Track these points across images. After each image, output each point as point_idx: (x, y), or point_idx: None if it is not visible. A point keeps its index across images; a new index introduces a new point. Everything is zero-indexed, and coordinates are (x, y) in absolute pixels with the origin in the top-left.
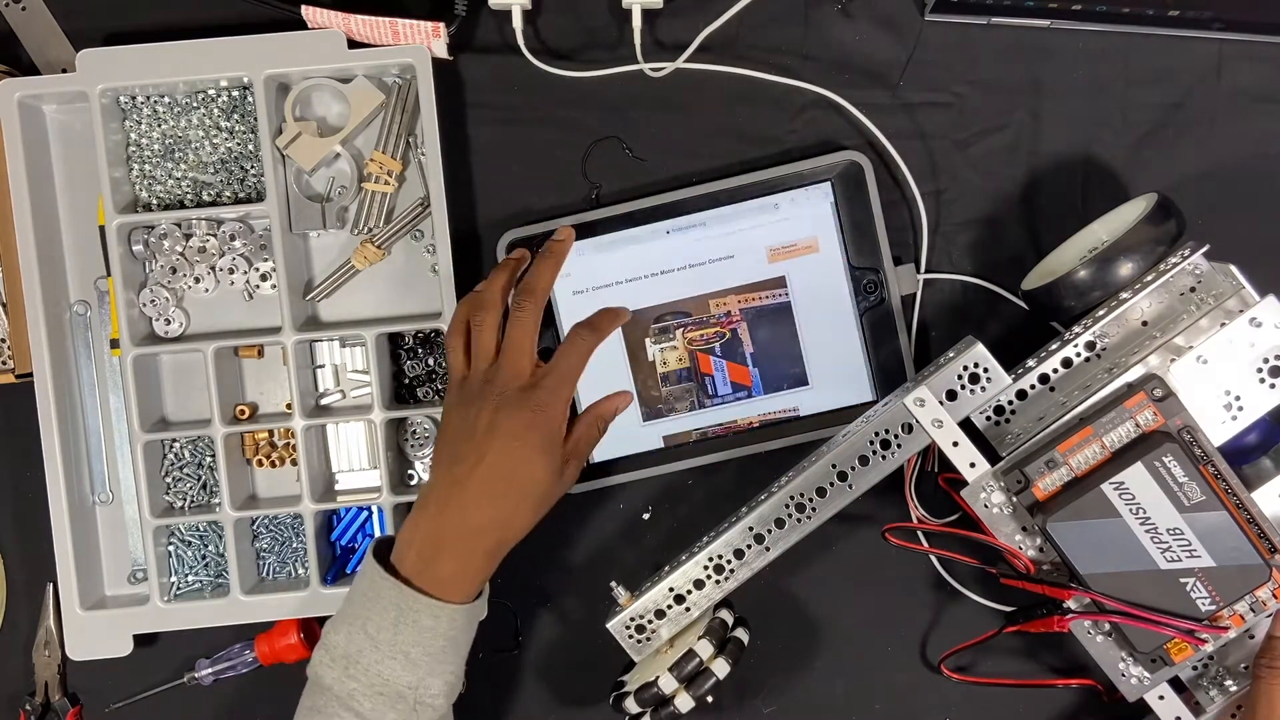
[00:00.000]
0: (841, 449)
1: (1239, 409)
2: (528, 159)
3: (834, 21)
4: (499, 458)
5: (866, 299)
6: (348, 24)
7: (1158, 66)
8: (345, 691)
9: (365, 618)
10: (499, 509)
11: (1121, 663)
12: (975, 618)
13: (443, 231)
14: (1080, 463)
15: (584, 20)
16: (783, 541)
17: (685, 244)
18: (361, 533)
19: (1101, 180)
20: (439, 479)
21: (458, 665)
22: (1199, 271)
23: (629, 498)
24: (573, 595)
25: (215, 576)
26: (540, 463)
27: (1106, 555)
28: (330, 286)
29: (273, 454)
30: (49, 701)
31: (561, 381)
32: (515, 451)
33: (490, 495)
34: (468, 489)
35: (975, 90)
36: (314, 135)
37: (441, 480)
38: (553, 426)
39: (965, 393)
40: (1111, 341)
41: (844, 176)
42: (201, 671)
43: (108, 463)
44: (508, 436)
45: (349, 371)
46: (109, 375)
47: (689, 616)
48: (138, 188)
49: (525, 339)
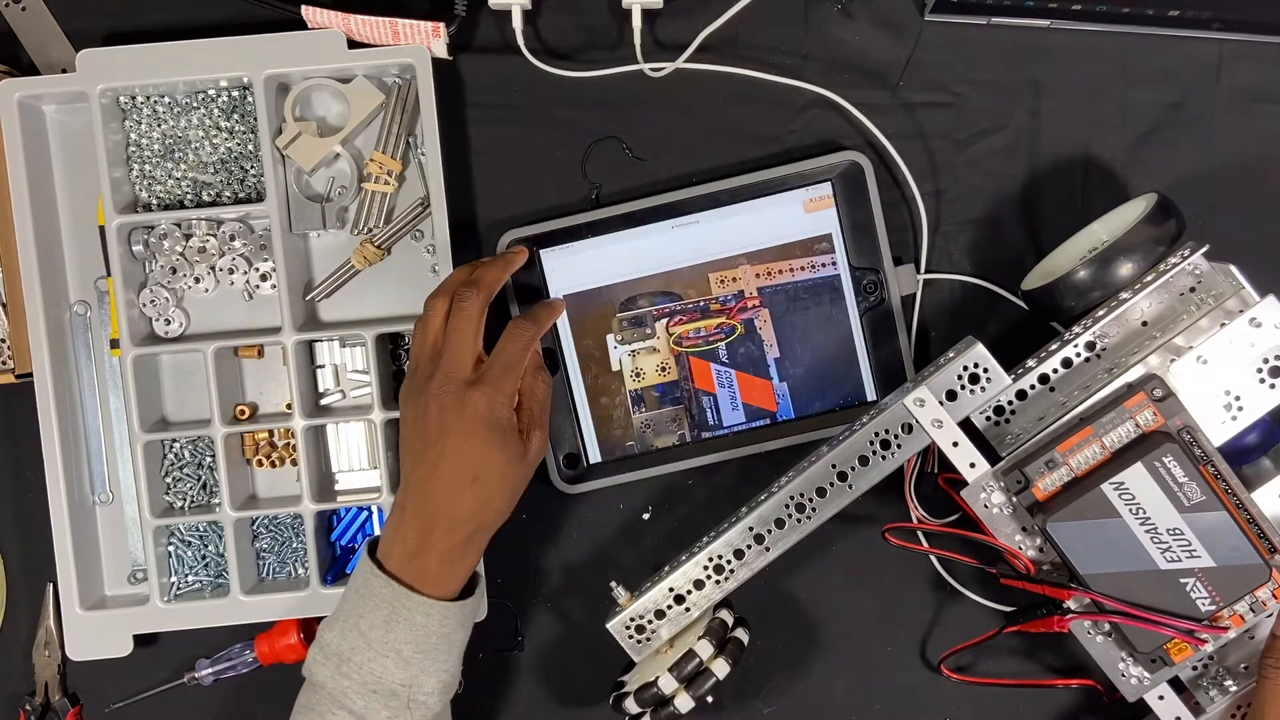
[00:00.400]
0: (841, 449)
1: (1239, 409)
2: (528, 159)
3: (834, 21)
4: (456, 456)
5: (866, 299)
6: (348, 24)
7: (1157, 66)
8: (338, 689)
9: (358, 615)
10: (471, 500)
11: (1121, 663)
12: (975, 618)
13: (443, 231)
14: (1080, 463)
15: (584, 20)
16: (783, 541)
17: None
18: (361, 533)
19: (1101, 180)
20: (407, 479)
21: (452, 664)
22: (1199, 271)
23: (629, 498)
24: (573, 595)
25: (215, 576)
26: (497, 454)
27: (1106, 555)
28: (330, 286)
29: (273, 454)
30: (49, 701)
31: (504, 373)
32: (470, 449)
33: (458, 489)
34: (436, 486)
35: (975, 90)
36: (314, 135)
37: (409, 480)
38: (500, 417)
39: (965, 393)
40: (1111, 341)
41: (844, 176)
42: (201, 671)
43: (108, 463)
44: (459, 434)
45: (349, 371)
46: (109, 375)
47: (689, 616)
48: (138, 188)
49: (468, 330)
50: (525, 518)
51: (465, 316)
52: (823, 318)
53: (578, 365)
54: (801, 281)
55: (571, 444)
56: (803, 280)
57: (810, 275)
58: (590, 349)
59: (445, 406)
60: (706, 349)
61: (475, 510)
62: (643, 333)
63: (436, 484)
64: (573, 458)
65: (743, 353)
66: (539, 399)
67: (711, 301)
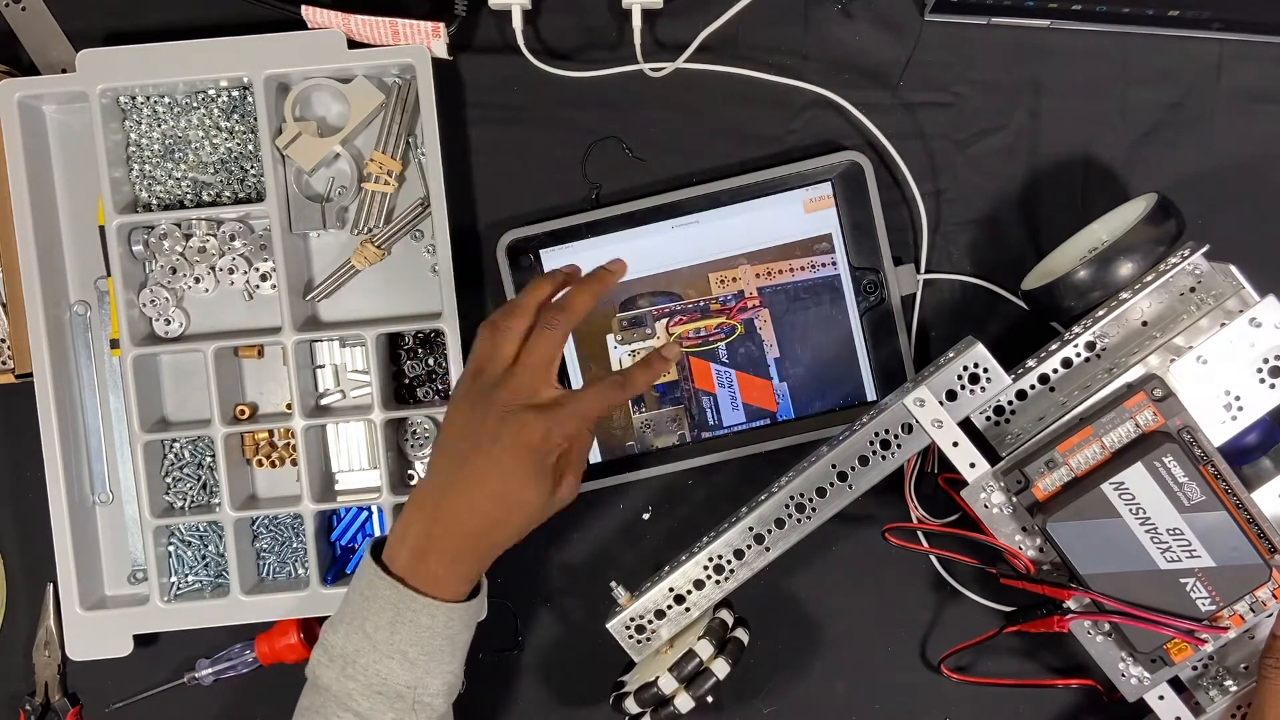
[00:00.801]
0: (841, 449)
1: (1239, 409)
2: (528, 159)
3: (834, 21)
4: (495, 471)
5: (866, 299)
6: (348, 24)
7: (1157, 66)
8: (343, 691)
9: (363, 617)
10: (490, 516)
11: (1121, 663)
12: (975, 618)
13: (443, 231)
14: (1080, 463)
15: (584, 20)
16: (783, 541)
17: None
18: (361, 533)
19: (1101, 180)
20: (437, 476)
21: (456, 665)
22: (1199, 271)
23: (629, 498)
24: (573, 595)
25: (215, 576)
26: (529, 484)
27: (1106, 555)
28: (330, 286)
29: (273, 454)
30: (49, 701)
31: (573, 417)
32: (512, 471)
33: (481, 504)
34: (461, 493)
35: (975, 90)
36: (314, 135)
37: (438, 479)
38: (549, 452)
39: (965, 393)
40: (1111, 341)
41: (844, 176)
42: (201, 671)
43: (108, 463)
44: (505, 451)
45: (349, 371)
46: (109, 375)
47: (689, 616)
48: (138, 188)
49: (548, 354)
50: None
51: (551, 342)
52: (823, 318)
53: (578, 365)
54: (801, 281)
55: None
56: (803, 280)
57: (810, 275)
58: (590, 349)
59: (504, 421)
60: (706, 349)
61: (487, 528)
62: (643, 333)
63: (462, 490)
64: None
65: (743, 353)
66: (582, 446)
67: (711, 301)
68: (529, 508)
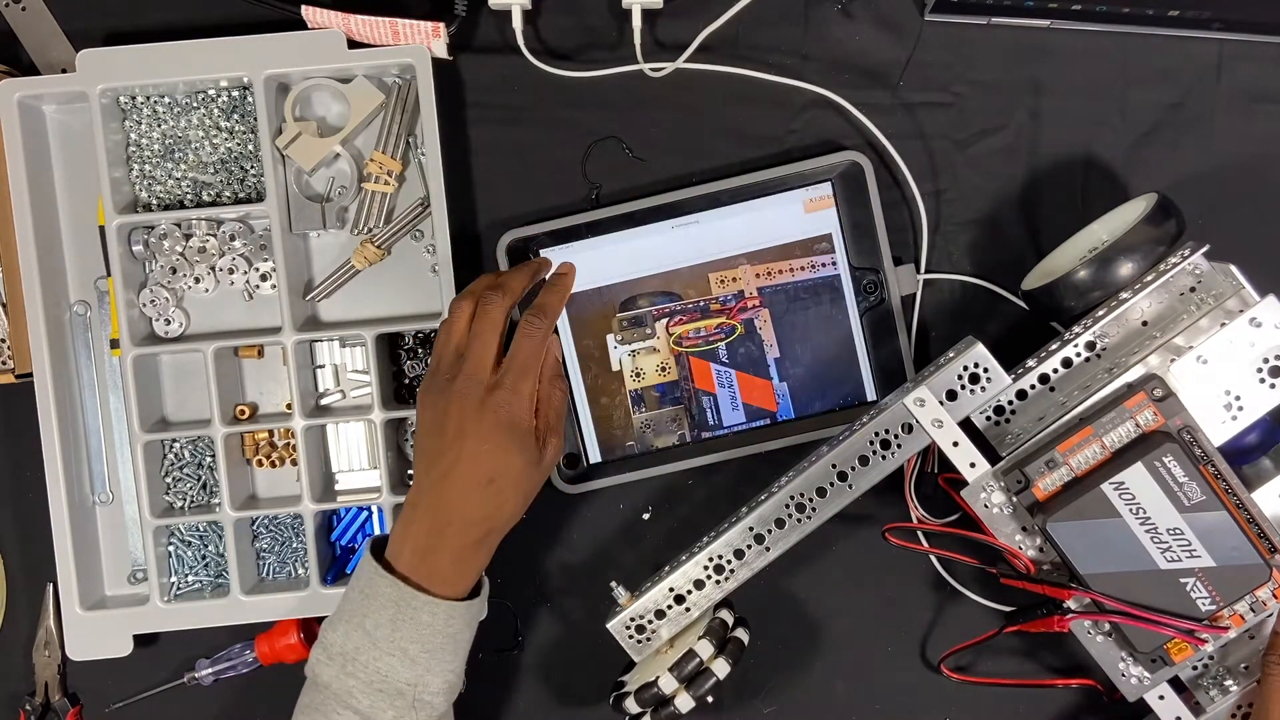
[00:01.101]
0: (841, 449)
1: (1239, 409)
2: (528, 159)
3: (834, 21)
4: (473, 459)
5: (866, 299)
6: (348, 24)
7: (1157, 66)
8: (343, 689)
9: (363, 615)
10: (485, 502)
11: (1121, 663)
12: (975, 618)
13: (443, 231)
14: (1080, 463)
15: (584, 20)
16: (783, 541)
17: (687, 235)
18: (361, 533)
19: (1101, 180)
20: (421, 479)
21: (457, 664)
22: (1199, 271)
23: (629, 498)
24: (573, 595)
25: (215, 576)
26: (514, 458)
27: (1106, 555)
28: (330, 286)
29: (273, 454)
30: (49, 701)
31: (521, 375)
32: (487, 452)
33: (473, 491)
34: (451, 487)
35: (975, 90)
36: (314, 135)
37: (424, 480)
38: (518, 420)
39: (965, 393)
40: (1111, 341)
41: (844, 176)
42: (201, 671)
43: (108, 463)
44: (476, 438)
45: (349, 371)
46: (109, 375)
47: (689, 616)
48: (138, 188)
49: (490, 333)
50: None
51: (489, 320)
52: (823, 318)
53: (578, 365)
54: (801, 281)
55: (572, 444)
56: (803, 280)
57: (810, 275)
58: (590, 349)
59: (465, 409)
60: (706, 349)
61: (488, 513)
62: (643, 333)
63: (451, 485)
64: (573, 458)
65: (743, 353)
66: (556, 406)
67: (711, 301)
68: (522, 481)
